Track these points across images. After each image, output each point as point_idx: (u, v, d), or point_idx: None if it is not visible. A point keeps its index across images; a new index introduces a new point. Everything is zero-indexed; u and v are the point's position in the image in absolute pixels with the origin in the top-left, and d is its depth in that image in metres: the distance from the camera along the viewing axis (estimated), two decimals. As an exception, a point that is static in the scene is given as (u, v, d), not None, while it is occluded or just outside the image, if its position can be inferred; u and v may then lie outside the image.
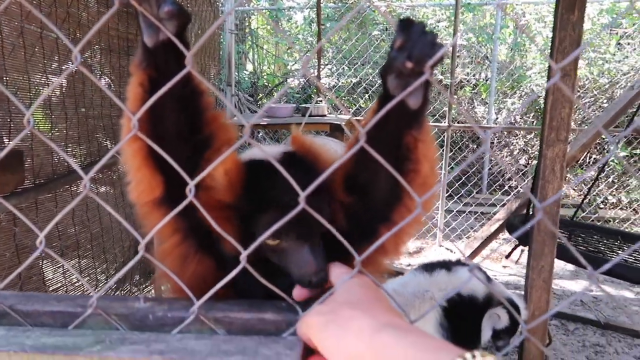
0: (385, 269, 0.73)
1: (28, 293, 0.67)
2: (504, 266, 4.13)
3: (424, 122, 0.66)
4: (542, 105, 5.25)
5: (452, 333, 1.56)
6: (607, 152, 5.28)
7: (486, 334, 1.67)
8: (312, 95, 5.36)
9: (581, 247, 2.85)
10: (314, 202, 0.55)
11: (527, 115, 5.82)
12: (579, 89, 5.46)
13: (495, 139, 5.81)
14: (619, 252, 2.89)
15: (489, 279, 1.81)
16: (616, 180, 5.28)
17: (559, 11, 1.70)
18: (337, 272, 0.61)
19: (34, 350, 0.54)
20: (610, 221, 5.07)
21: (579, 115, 5.52)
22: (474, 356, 0.42)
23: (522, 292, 2.00)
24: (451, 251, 4.40)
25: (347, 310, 0.52)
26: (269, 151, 0.70)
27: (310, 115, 3.81)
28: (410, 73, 0.57)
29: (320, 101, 4.35)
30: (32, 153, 1.82)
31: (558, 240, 1.91)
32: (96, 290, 2.47)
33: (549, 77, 1.88)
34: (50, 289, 2.09)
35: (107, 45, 2.44)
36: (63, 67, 2.08)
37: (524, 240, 2.74)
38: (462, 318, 1.59)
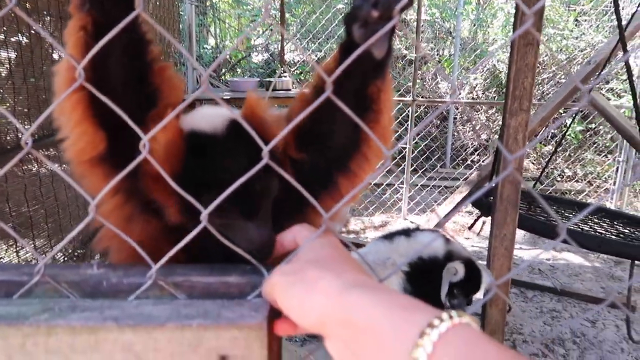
0: (343, 218, 0.71)
1: (-32, 263, 0.61)
2: (466, 238, 4.23)
3: (387, 72, 0.64)
4: (504, 81, 5.33)
5: (415, 296, 1.58)
6: (565, 126, 5.44)
7: (444, 290, 1.69)
8: (276, 70, 5.27)
9: (540, 217, 2.94)
10: (264, 177, 0.52)
11: (489, 91, 5.92)
12: (538, 64, 5.57)
13: (458, 114, 5.89)
14: (576, 221, 3.00)
15: (448, 241, 1.84)
16: (572, 154, 5.46)
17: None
18: (303, 234, 0.58)
19: (-27, 321, 0.49)
20: (566, 193, 5.26)
21: (538, 91, 5.65)
22: (450, 316, 0.40)
23: (485, 262, 2.04)
24: (415, 224, 4.47)
25: (312, 270, 0.49)
26: (216, 116, 0.65)
27: (274, 90, 3.75)
28: (376, 21, 0.55)
29: (285, 75, 4.28)
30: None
31: (520, 210, 1.96)
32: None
33: (512, 48, 1.89)
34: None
35: (57, 13, 2.29)
36: (11, 39, 1.94)
37: (486, 211, 2.80)
38: (425, 281, 1.61)
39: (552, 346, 2.77)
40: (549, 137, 5.68)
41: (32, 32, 2.10)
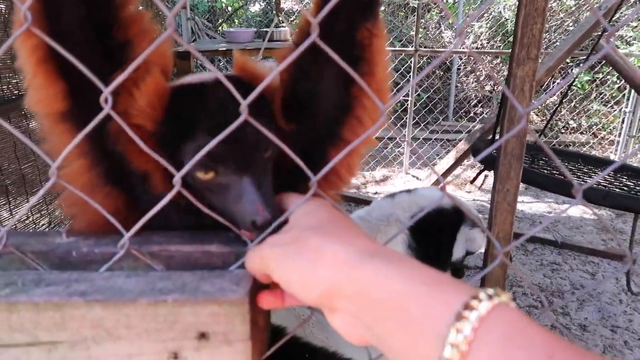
0: (339, 198, 0.64)
1: None
2: (468, 191, 4.19)
3: (378, 13, 0.56)
4: (509, 29, 5.14)
5: (421, 253, 1.54)
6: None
7: (459, 252, 1.66)
8: (274, 19, 5.07)
9: (544, 170, 2.88)
10: (256, 119, 0.45)
11: (494, 40, 5.72)
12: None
13: (462, 64, 5.72)
14: (579, 174, 2.95)
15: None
16: (578, 105, 5.34)
17: None
18: (293, 199, 0.53)
19: None
20: (570, 145, 5.18)
21: (545, 39, 5.45)
22: (489, 296, 0.34)
23: (487, 216, 2.01)
24: (417, 178, 4.43)
25: (314, 238, 0.43)
26: (205, 75, 0.59)
27: (271, 40, 3.61)
28: None
29: (283, 25, 4.11)
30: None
31: (523, 164, 1.90)
32: (50, 226, 2.35)
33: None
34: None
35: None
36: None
37: (489, 164, 2.75)
38: (431, 236, 1.57)
39: (551, 298, 2.78)
40: (554, 87, 5.55)
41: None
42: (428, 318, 0.35)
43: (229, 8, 6.37)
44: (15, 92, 2.06)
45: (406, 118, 4.38)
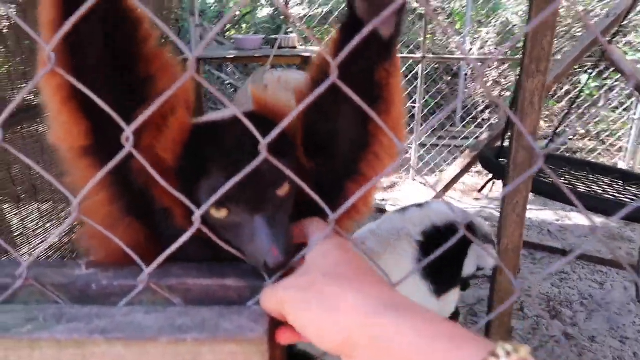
0: (352, 229, 0.64)
1: (-52, 261, 0.58)
2: (476, 199, 4.18)
3: (396, 53, 0.56)
4: (517, 35, 5.13)
5: (430, 268, 1.54)
6: (580, 83, 5.26)
7: (470, 268, 1.65)
8: (282, 26, 5.09)
9: (551, 179, 2.86)
10: (275, 157, 0.45)
11: (502, 46, 5.70)
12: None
13: (469, 70, 5.71)
14: (588, 182, 2.93)
15: (464, 213, 1.79)
16: (586, 112, 5.31)
17: None
18: (314, 228, 0.53)
19: (-50, 333, 0.45)
20: (578, 152, 5.15)
21: (555, 45, 5.43)
22: (508, 352, 0.34)
23: (495, 224, 2.00)
24: (425, 185, 4.42)
25: (332, 285, 0.43)
26: (226, 112, 0.60)
27: (279, 47, 3.62)
28: None
29: (291, 32, 4.12)
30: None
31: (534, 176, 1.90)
32: (61, 235, 2.37)
33: (530, 7, 1.77)
34: (7, 237, 1.98)
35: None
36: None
37: (497, 173, 2.74)
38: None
39: (559, 308, 2.76)
40: (563, 94, 5.52)
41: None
42: None
43: (237, 13, 6.40)
44: (30, 98, 2.08)
45: (413, 124, 4.38)
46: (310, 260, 0.48)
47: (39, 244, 2.24)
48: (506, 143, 2.65)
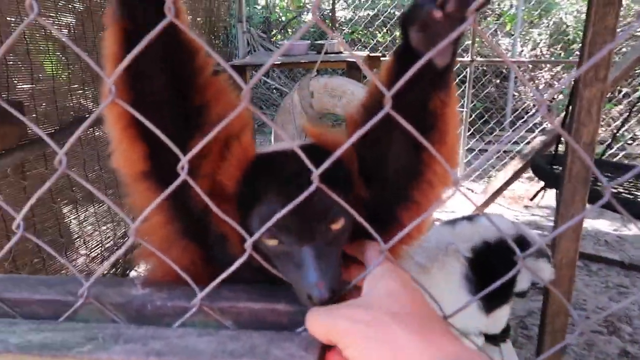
0: (404, 256, 0.63)
1: (17, 276, 0.61)
2: (526, 206, 4.04)
3: (451, 81, 0.55)
4: (571, 36, 4.92)
5: (479, 285, 1.49)
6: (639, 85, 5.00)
7: (524, 284, 1.59)
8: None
9: (611, 190, 2.71)
10: (329, 188, 0.45)
11: (554, 47, 5.50)
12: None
13: (520, 72, 5.53)
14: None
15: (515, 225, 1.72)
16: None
17: None
18: (370, 254, 0.53)
19: (19, 350, 0.48)
20: (638, 157, 4.89)
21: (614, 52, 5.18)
22: None
23: (546, 234, 1.92)
24: (472, 191, 4.32)
25: (398, 330, 0.42)
26: (284, 145, 0.60)
27: (325, 53, 3.63)
28: (439, 24, 0.46)
29: (334, 37, 4.13)
30: (35, 103, 1.75)
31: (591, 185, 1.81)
32: (115, 237, 2.48)
33: (589, 6, 1.69)
34: (68, 239, 2.09)
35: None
36: (71, 5, 1.95)
37: (551, 182, 2.63)
38: (490, 268, 1.51)
39: (618, 324, 2.62)
40: (621, 97, 5.26)
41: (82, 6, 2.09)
42: None
43: (283, 18, 6.48)
44: (89, 104, 2.18)
45: (461, 129, 4.28)
46: (375, 295, 0.47)
47: (95, 245, 2.34)
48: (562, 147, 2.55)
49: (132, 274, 2.70)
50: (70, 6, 2.01)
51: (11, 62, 1.56)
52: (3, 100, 0.49)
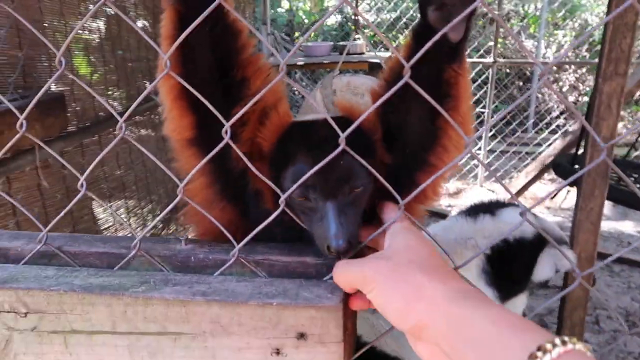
0: (423, 216, 0.70)
1: (75, 234, 0.69)
2: (547, 207, 4.02)
3: (464, 55, 0.61)
4: (596, 37, 4.88)
5: (495, 277, 1.52)
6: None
7: (547, 272, 1.59)
8: (350, 33, 5.17)
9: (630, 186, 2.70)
10: (354, 151, 0.52)
11: (579, 49, 5.45)
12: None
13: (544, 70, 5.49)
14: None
15: (536, 216, 1.73)
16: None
17: None
18: (388, 210, 0.59)
19: (82, 290, 0.55)
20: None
21: (637, 48, 5.11)
22: (564, 341, 0.38)
23: (568, 235, 1.94)
24: (493, 192, 4.32)
25: (417, 274, 0.48)
26: (316, 115, 0.67)
27: (348, 54, 3.69)
28: (455, 3, 0.53)
29: (358, 38, 4.19)
30: (74, 97, 1.85)
31: (610, 181, 1.82)
32: (144, 229, 2.58)
33: (609, 4, 1.72)
34: (101, 228, 2.19)
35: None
36: (100, 8, 2.06)
37: (572, 181, 2.64)
38: (508, 263, 1.53)
39: (639, 323, 2.61)
40: (648, 98, 5.18)
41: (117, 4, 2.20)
42: (506, 356, 0.39)
43: (306, 21, 6.57)
44: (115, 104, 2.29)
45: (482, 130, 4.29)
46: (394, 248, 0.53)
47: (125, 235, 2.44)
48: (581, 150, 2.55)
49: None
50: (102, 10, 2.12)
51: (45, 63, 1.66)
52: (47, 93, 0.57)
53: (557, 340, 0.38)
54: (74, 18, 1.88)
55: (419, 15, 0.58)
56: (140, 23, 2.45)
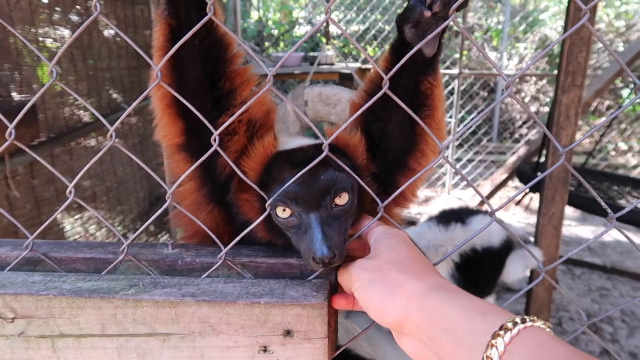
0: (402, 219, 0.74)
1: (60, 241, 0.69)
2: (513, 214, 4.16)
3: (438, 67, 0.66)
4: (556, 50, 5.11)
5: (463, 282, 1.58)
6: (621, 97, 5.18)
7: (518, 273, 1.66)
8: (320, 43, 5.25)
9: (589, 192, 2.84)
10: (335, 169, 0.56)
11: (540, 61, 5.68)
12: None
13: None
14: (630, 198, 2.90)
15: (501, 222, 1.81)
16: (628, 127, 5.21)
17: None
18: (366, 218, 0.63)
19: (71, 294, 0.56)
20: (620, 168, 5.05)
21: (592, 61, 5.38)
22: (523, 319, 0.42)
23: (532, 239, 2.03)
24: (460, 199, 4.43)
25: (395, 273, 0.52)
26: (298, 142, 0.69)
27: (318, 64, 3.75)
28: (428, 20, 0.57)
29: (329, 49, 4.26)
30: (44, 107, 1.83)
31: (570, 187, 1.92)
32: (114, 239, 2.54)
33: (566, 21, 1.83)
34: (70, 238, 2.15)
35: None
36: (68, 16, 2.04)
37: (534, 187, 2.76)
38: (475, 272, 1.60)
39: (599, 324, 2.73)
40: (604, 109, 5.44)
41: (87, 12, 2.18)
42: (474, 337, 0.44)
43: (275, 31, 6.62)
44: (81, 113, 2.26)
45: (449, 139, 4.41)
46: (379, 249, 0.57)
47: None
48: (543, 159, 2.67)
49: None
50: (69, 18, 2.11)
51: (7, 72, 1.63)
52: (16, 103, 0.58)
53: (518, 319, 0.43)
54: (45, 27, 1.86)
55: (387, 27, 0.62)
56: (109, 32, 2.43)
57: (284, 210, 0.60)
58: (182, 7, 0.59)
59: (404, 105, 0.53)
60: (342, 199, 0.61)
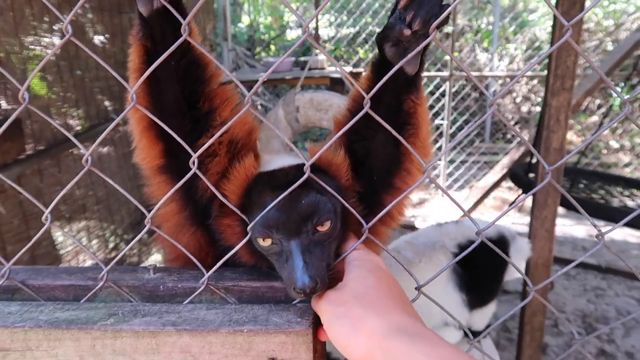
0: (388, 238, 0.72)
1: (38, 267, 0.67)
2: (507, 214, 4.16)
3: (421, 85, 0.65)
4: (545, 50, 5.13)
5: (466, 278, 1.60)
6: (611, 97, 5.21)
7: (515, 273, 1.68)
8: (311, 48, 5.24)
9: (583, 194, 2.85)
10: (317, 191, 0.54)
11: (530, 62, 5.70)
12: (584, 31, 5.31)
13: (498, 86, 5.71)
14: (622, 197, 2.90)
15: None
16: (620, 126, 5.23)
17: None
18: (350, 239, 0.61)
19: (48, 325, 0.55)
20: (612, 166, 5.07)
21: (582, 61, 5.39)
22: None
23: (526, 239, 2.02)
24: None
25: (358, 309, 0.50)
26: (280, 162, 0.67)
27: (309, 69, 3.73)
28: (408, 39, 0.55)
29: (317, 54, 4.25)
30: (31, 119, 1.80)
31: (563, 187, 1.91)
32: (105, 251, 2.52)
33: (554, 28, 1.82)
34: (61, 252, 2.12)
35: (98, 4, 2.36)
36: (55, 27, 2.02)
37: (526, 188, 2.76)
38: (473, 264, 1.61)
39: (595, 325, 2.73)
40: (595, 108, 5.46)
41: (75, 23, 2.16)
42: None
43: (266, 36, 6.61)
44: (73, 122, 2.24)
45: (442, 141, 4.41)
46: (346, 278, 0.55)
47: (86, 258, 2.38)
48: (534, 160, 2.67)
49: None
50: (58, 29, 2.08)
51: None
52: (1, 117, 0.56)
53: None
54: (30, 37, 1.84)
55: (377, 30, 0.61)
56: (97, 41, 2.41)
57: (263, 240, 0.58)
58: (156, 28, 0.57)
59: (386, 125, 0.51)
60: (325, 225, 0.59)
